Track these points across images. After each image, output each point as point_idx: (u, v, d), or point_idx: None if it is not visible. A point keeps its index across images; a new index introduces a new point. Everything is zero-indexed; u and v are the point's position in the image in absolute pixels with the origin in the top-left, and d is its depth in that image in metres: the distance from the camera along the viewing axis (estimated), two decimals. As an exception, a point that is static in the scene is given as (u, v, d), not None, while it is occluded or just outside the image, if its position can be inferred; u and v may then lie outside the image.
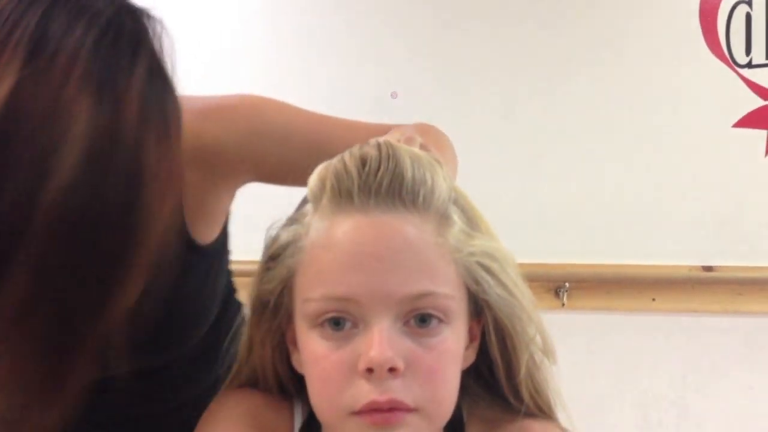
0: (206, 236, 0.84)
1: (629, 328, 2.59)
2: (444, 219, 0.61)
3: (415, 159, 0.60)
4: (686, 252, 2.56)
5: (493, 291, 0.64)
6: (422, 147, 0.67)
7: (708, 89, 2.55)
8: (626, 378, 2.59)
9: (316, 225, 0.60)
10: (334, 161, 0.61)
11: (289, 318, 0.65)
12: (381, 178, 0.58)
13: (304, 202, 0.64)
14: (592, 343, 2.60)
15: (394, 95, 2.58)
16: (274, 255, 0.64)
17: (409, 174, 0.58)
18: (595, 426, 2.57)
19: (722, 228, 2.56)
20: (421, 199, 0.59)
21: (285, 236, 0.64)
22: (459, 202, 0.65)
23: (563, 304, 2.57)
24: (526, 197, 2.60)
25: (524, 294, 0.67)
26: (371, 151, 0.59)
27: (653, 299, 2.56)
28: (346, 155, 0.60)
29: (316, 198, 0.61)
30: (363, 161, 0.59)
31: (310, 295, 0.59)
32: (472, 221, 0.65)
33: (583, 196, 2.59)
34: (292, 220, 0.64)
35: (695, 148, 2.56)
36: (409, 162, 0.59)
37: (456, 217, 0.63)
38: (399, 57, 2.61)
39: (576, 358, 2.60)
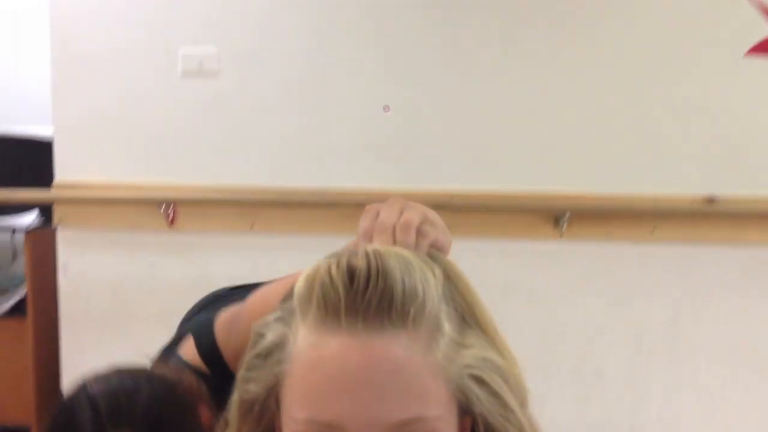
0: None
1: (627, 257, 2.59)
2: (434, 332, 0.58)
3: (405, 269, 0.57)
4: (689, 182, 2.53)
5: (484, 403, 0.61)
6: (419, 233, 0.64)
7: (719, 16, 2.47)
8: (621, 306, 2.61)
9: (303, 337, 0.58)
10: (322, 269, 0.58)
11: (276, 420, 0.62)
12: (369, 299, 0.55)
13: (290, 296, 0.61)
14: (589, 272, 2.61)
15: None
16: (260, 353, 0.61)
17: (399, 291, 0.56)
18: (588, 353, 2.61)
19: (727, 158, 2.53)
20: (411, 317, 0.56)
21: (272, 336, 0.61)
22: (452, 297, 0.63)
23: (562, 234, 2.55)
24: (527, 126, 2.56)
25: (517, 399, 0.64)
26: (359, 264, 0.56)
27: (653, 229, 2.55)
28: (333, 265, 0.57)
29: (302, 306, 0.59)
30: (350, 276, 0.56)
31: (296, 416, 0.57)
32: (464, 318, 0.63)
33: (584, 124, 2.55)
34: (279, 319, 0.61)
35: (703, 75, 2.50)
36: (399, 276, 0.56)
37: (447, 324, 0.60)
38: None
39: (572, 287, 2.61)
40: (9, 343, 2.84)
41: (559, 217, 2.54)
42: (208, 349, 0.89)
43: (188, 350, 0.94)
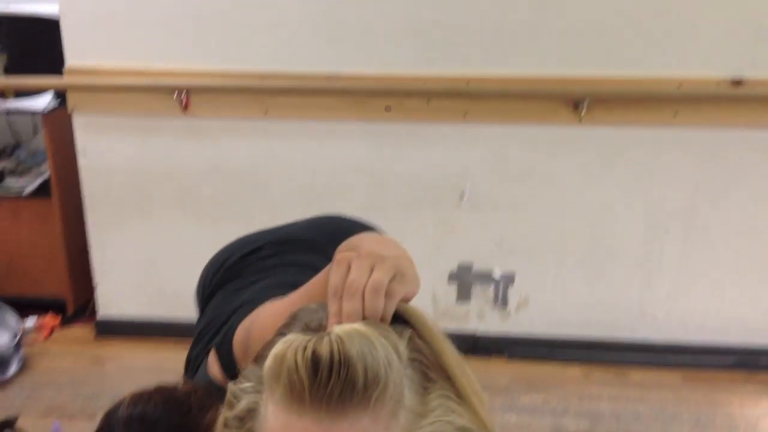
0: None
1: (646, 142, 2.55)
2: (395, 408, 0.60)
3: (368, 354, 0.59)
4: (715, 64, 2.43)
5: None
6: (388, 295, 0.65)
7: None
8: (637, 189, 2.60)
9: (272, 413, 0.61)
10: (289, 354, 0.60)
11: None
12: (332, 389, 0.58)
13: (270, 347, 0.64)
14: (607, 157, 2.58)
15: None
16: (236, 416, 0.65)
17: (360, 380, 0.58)
18: (602, 234, 2.65)
19: (756, 38, 2.41)
20: (372, 401, 0.59)
21: (245, 403, 0.65)
22: (417, 353, 0.64)
23: (581, 119, 2.50)
24: (547, 9, 2.43)
25: None
26: (323, 352, 0.58)
27: (675, 113, 2.48)
28: (300, 353, 0.59)
29: (271, 384, 0.61)
30: (314, 366, 0.58)
31: None
32: (428, 375, 0.64)
33: (606, 4, 2.42)
34: (252, 388, 0.65)
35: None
36: (362, 364, 0.58)
37: (409, 395, 0.62)
38: None
39: (590, 172, 2.60)
40: (38, 222, 2.94)
41: (579, 101, 2.48)
42: (229, 367, 0.95)
43: (214, 367, 1.00)
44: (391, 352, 0.61)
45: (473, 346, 2.76)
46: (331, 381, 0.58)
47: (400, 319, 0.68)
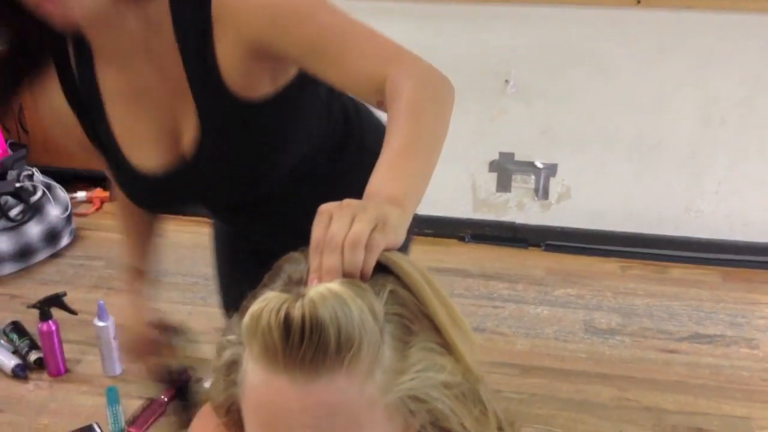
0: (253, 92, 0.95)
1: (707, 26, 2.39)
2: (372, 366, 0.60)
3: (342, 316, 0.58)
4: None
5: (428, 416, 0.64)
6: (368, 248, 0.63)
7: None
8: (693, 79, 2.47)
9: (252, 369, 0.62)
10: (264, 314, 0.59)
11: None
12: (304, 352, 0.58)
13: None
14: (664, 44, 2.43)
15: None
16: (221, 367, 0.67)
17: (332, 343, 0.58)
18: (652, 124, 2.54)
19: None
20: (346, 362, 0.59)
21: (229, 354, 0.66)
22: (399, 306, 0.63)
23: (639, 1, 2.35)
24: None
25: (466, 406, 0.65)
26: (295, 315, 0.57)
27: (741, -4, 2.31)
28: (273, 314, 0.58)
29: (249, 341, 0.61)
30: (287, 329, 0.58)
31: None
32: (411, 327, 0.63)
33: None
34: (236, 341, 0.65)
35: None
36: (334, 328, 0.58)
37: (388, 352, 0.62)
38: None
39: (644, 58, 2.46)
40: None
41: (637, -17, 2.32)
42: None
43: None
44: (366, 312, 0.60)
45: (511, 236, 2.75)
46: (303, 344, 0.58)
47: (385, 269, 0.67)
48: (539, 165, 2.66)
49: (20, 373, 2.14)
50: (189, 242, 2.53)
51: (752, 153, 2.54)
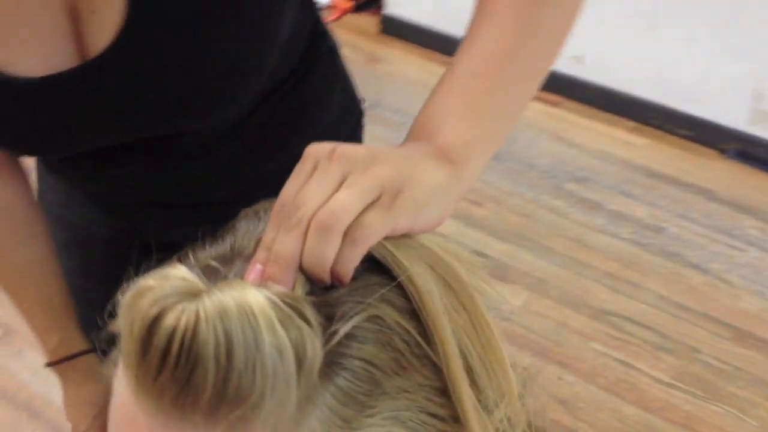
0: None
1: None
2: None
3: (239, 352, 0.33)
4: None
5: None
6: (349, 239, 0.37)
7: None
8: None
9: (120, 390, 0.39)
10: (141, 301, 0.34)
11: None
12: (165, 384, 0.34)
13: None
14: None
15: None
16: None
17: (209, 388, 0.33)
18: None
19: None
20: (223, 421, 0.34)
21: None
22: (365, 356, 0.37)
23: None
24: None
25: None
26: (170, 325, 0.33)
27: None
28: (144, 309, 0.34)
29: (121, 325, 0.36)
30: (148, 340, 0.34)
31: None
32: (376, 388, 0.37)
33: None
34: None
35: None
36: (218, 366, 0.33)
37: (314, 420, 0.36)
38: None
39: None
40: None
41: None
42: None
43: None
44: (287, 354, 0.33)
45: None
46: (164, 371, 0.34)
47: (387, 272, 0.39)
48: None
49: None
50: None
51: None
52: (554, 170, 2.21)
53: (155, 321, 0.33)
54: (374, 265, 0.39)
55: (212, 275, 0.39)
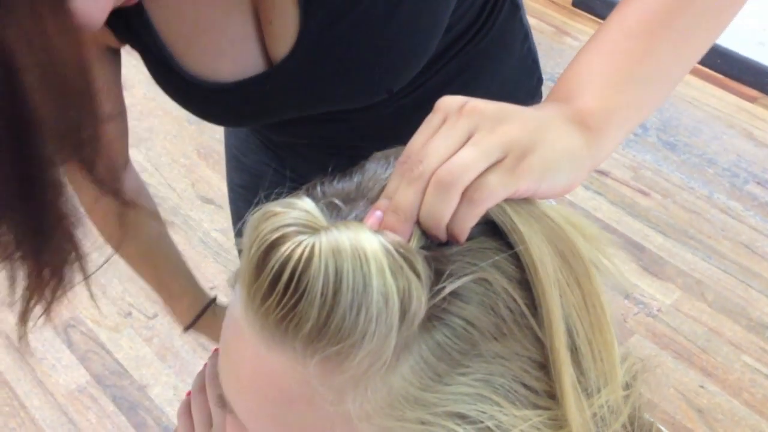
0: None
1: None
2: (367, 375, 0.37)
3: (346, 291, 0.35)
4: None
5: None
6: (467, 200, 0.37)
7: None
8: None
9: (235, 304, 0.42)
10: (264, 227, 0.37)
11: None
12: (271, 308, 0.36)
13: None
14: None
15: None
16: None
17: (312, 319, 0.35)
18: None
19: None
20: (319, 354, 0.36)
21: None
22: (467, 316, 0.38)
23: None
24: None
25: None
26: (287, 255, 0.35)
27: None
28: (265, 235, 0.36)
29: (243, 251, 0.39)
30: (263, 266, 0.36)
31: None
32: (472, 348, 0.38)
33: None
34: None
35: None
36: (325, 301, 0.35)
37: (406, 367, 0.37)
38: None
39: None
40: None
41: None
42: None
43: None
44: (393, 301, 0.35)
45: None
46: (273, 296, 0.37)
47: (503, 238, 0.40)
48: None
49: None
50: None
51: None
52: (736, 169, 2.07)
53: (272, 246, 0.36)
54: (492, 228, 0.40)
55: (334, 212, 0.41)
